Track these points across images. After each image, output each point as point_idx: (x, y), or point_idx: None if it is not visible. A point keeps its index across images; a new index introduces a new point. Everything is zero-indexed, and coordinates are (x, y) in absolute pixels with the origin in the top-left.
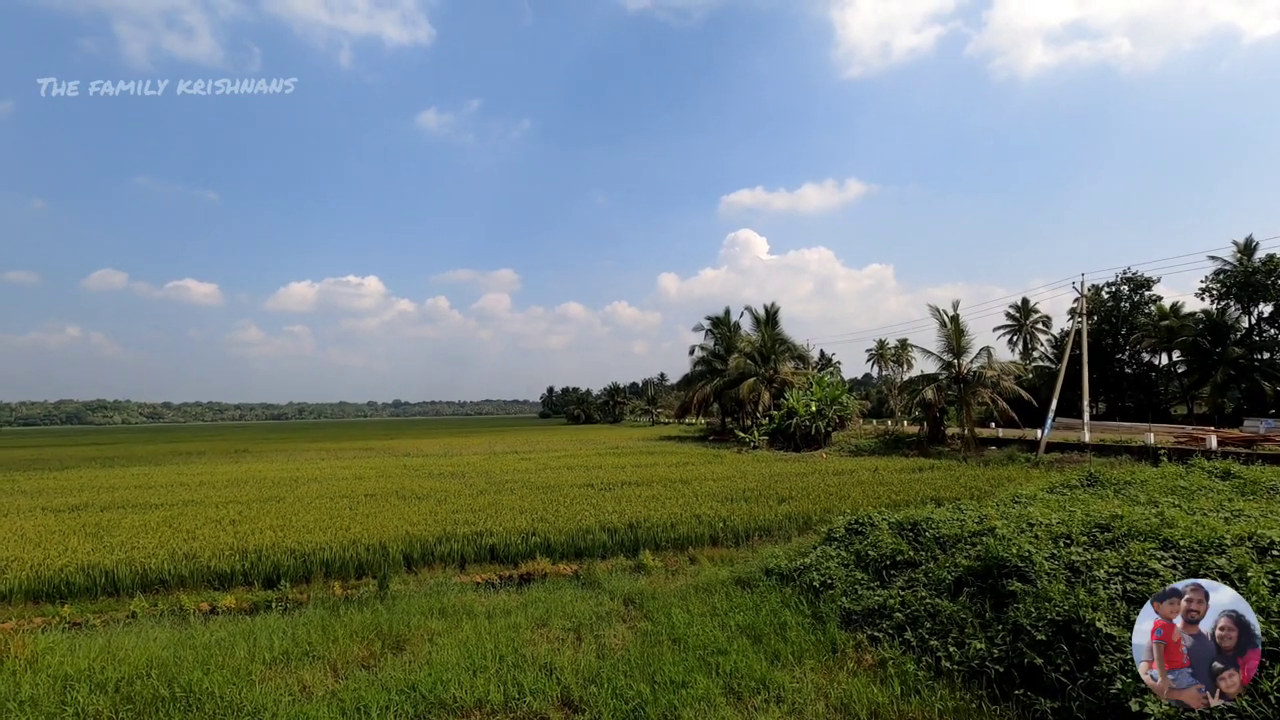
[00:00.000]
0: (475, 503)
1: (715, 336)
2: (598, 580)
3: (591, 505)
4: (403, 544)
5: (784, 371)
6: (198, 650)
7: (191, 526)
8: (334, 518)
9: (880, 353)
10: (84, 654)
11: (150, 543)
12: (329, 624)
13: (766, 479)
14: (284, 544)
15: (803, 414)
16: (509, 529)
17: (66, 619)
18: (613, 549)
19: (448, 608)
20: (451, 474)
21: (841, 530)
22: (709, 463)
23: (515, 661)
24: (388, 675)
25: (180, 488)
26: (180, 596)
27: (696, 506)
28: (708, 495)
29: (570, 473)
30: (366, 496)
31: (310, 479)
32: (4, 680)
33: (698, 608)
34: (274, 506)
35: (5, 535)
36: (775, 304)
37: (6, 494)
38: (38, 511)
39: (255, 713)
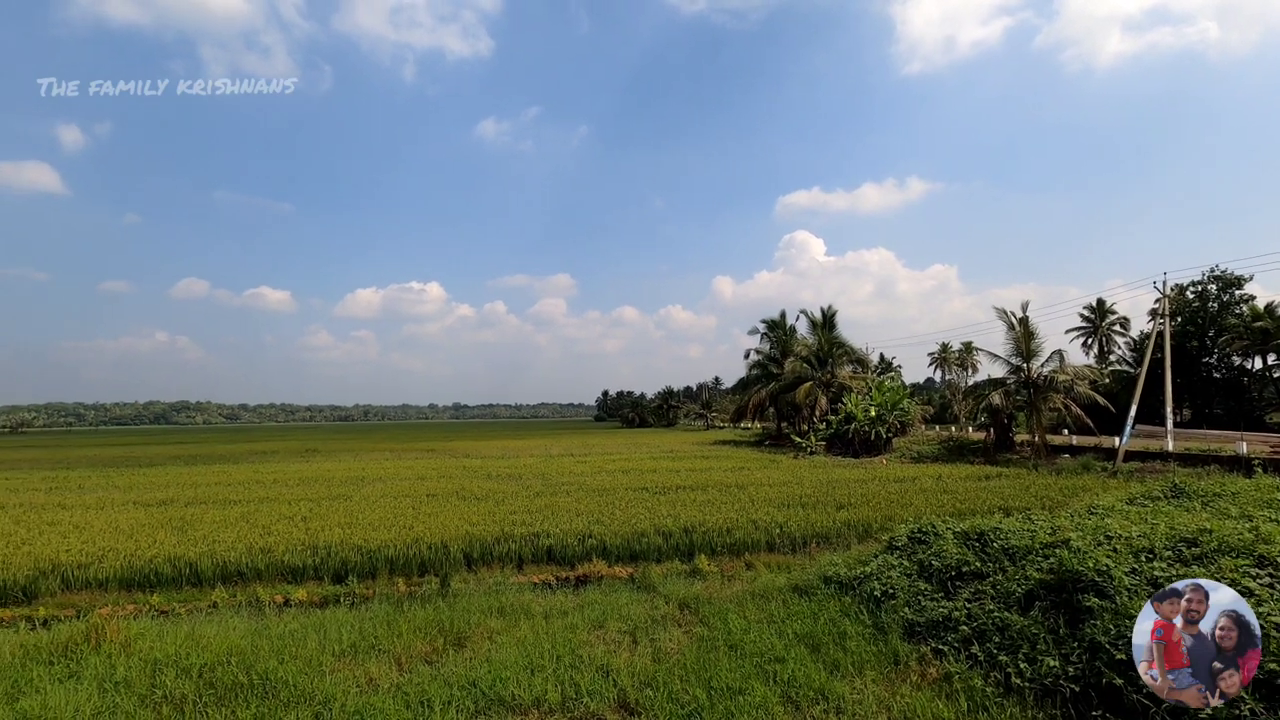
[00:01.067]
0: (532, 504)
1: (771, 340)
2: (653, 584)
3: (646, 509)
4: (463, 543)
5: (842, 375)
6: (273, 640)
7: (267, 522)
8: (398, 516)
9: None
10: (171, 640)
11: (229, 537)
12: (394, 619)
13: (824, 485)
14: (351, 541)
15: (862, 419)
16: (565, 531)
17: (155, 607)
18: (668, 553)
19: (506, 607)
20: (509, 476)
21: (904, 539)
22: (765, 468)
23: (572, 662)
24: (449, 671)
25: (256, 485)
26: (256, 589)
27: (753, 512)
28: (764, 501)
29: (625, 476)
30: (428, 496)
31: (375, 478)
32: (102, 662)
33: (754, 614)
34: (342, 504)
35: (102, 527)
36: (833, 306)
37: (103, 489)
38: (130, 505)
39: (326, 702)
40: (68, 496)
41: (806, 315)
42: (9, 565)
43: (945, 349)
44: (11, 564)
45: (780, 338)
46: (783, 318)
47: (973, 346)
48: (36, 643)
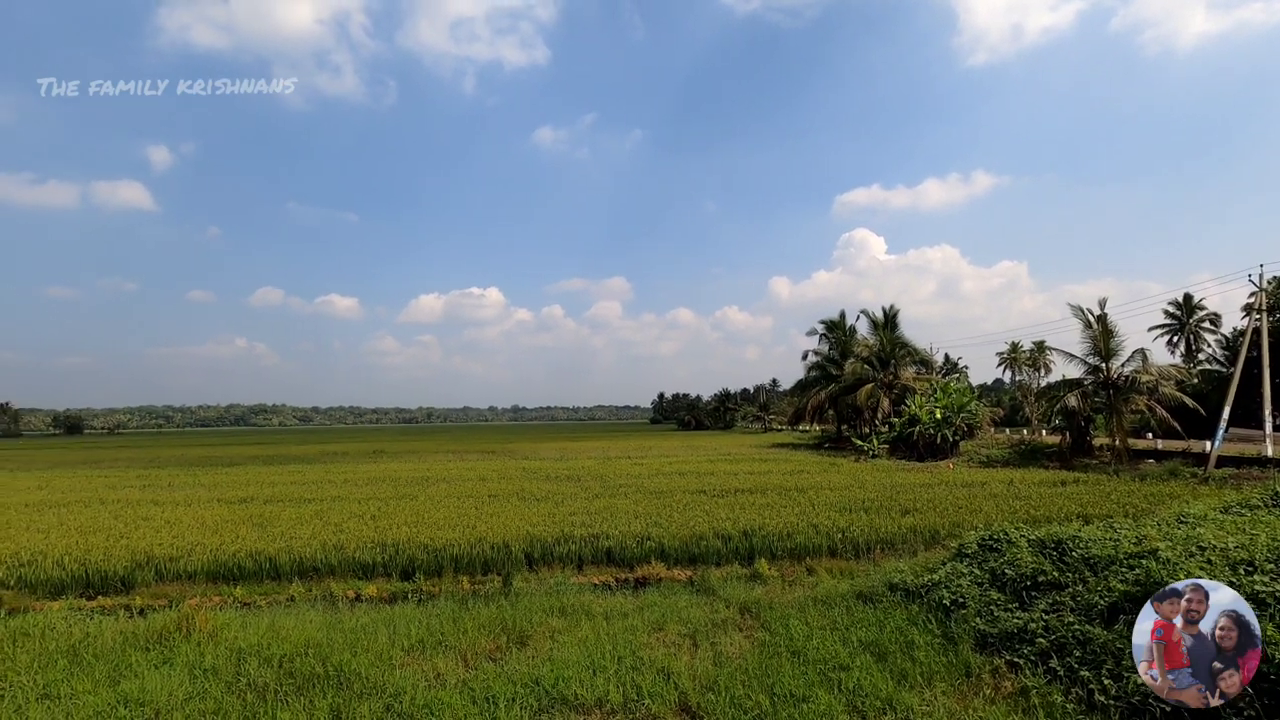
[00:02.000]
0: (591, 505)
1: (830, 341)
2: (712, 587)
3: (705, 511)
4: (524, 543)
5: (905, 377)
6: (346, 634)
7: (339, 520)
8: (461, 516)
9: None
10: (253, 631)
11: (305, 533)
12: (459, 616)
13: (888, 489)
14: (418, 539)
15: (926, 421)
16: (624, 532)
17: (238, 599)
18: (727, 556)
19: (567, 607)
20: (568, 477)
21: (974, 546)
22: (825, 471)
23: (633, 664)
24: (513, 669)
25: (328, 484)
26: (330, 583)
27: (813, 516)
28: (825, 505)
29: (682, 479)
30: (490, 497)
31: (439, 479)
32: (192, 650)
33: (817, 620)
34: (408, 504)
35: (190, 523)
36: (894, 306)
37: (190, 487)
38: (214, 503)
39: (396, 695)
40: (159, 494)
41: (867, 315)
42: (110, 557)
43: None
44: (112, 556)
45: (840, 338)
46: (842, 318)
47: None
48: (134, 630)
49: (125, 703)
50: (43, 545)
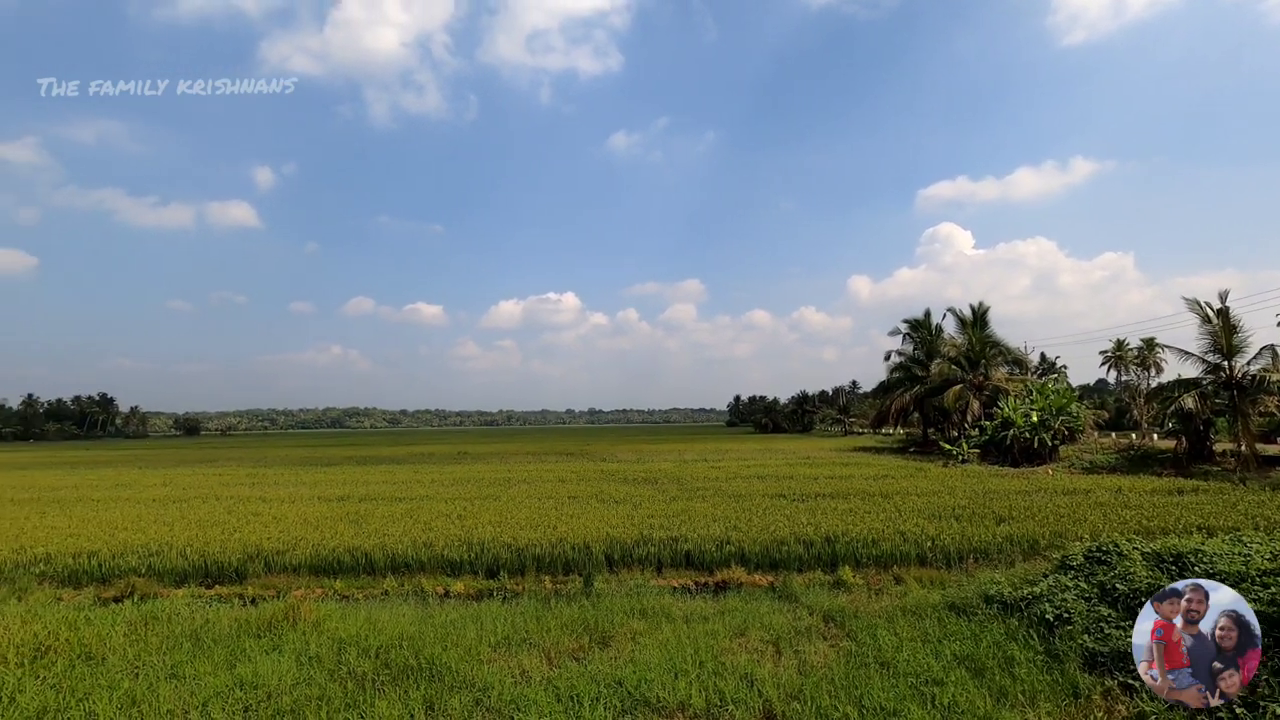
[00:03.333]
0: (669, 508)
1: (914, 341)
2: (794, 593)
3: (785, 516)
4: (604, 545)
5: (996, 377)
6: (436, 628)
7: (428, 519)
8: (543, 516)
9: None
10: (352, 623)
11: (397, 530)
12: (542, 615)
13: (980, 496)
14: (501, 539)
15: (1021, 425)
16: (703, 536)
17: (338, 591)
18: (809, 562)
19: (647, 609)
20: (644, 480)
21: (1079, 558)
22: (911, 476)
23: (715, 669)
24: (595, 668)
25: (417, 484)
26: (421, 579)
27: (900, 523)
28: (912, 511)
29: (761, 482)
30: (569, 498)
31: (520, 480)
32: (298, 638)
33: (906, 631)
34: (492, 504)
35: (294, 519)
36: (983, 303)
37: (293, 485)
38: (315, 500)
39: (485, 689)
40: (266, 491)
41: (954, 313)
42: (225, 549)
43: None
44: (227, 548)
45: (924, 338)
46: (927, 317)
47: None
48: (247, 618)
49: (241, 685)
50: (168, 537)
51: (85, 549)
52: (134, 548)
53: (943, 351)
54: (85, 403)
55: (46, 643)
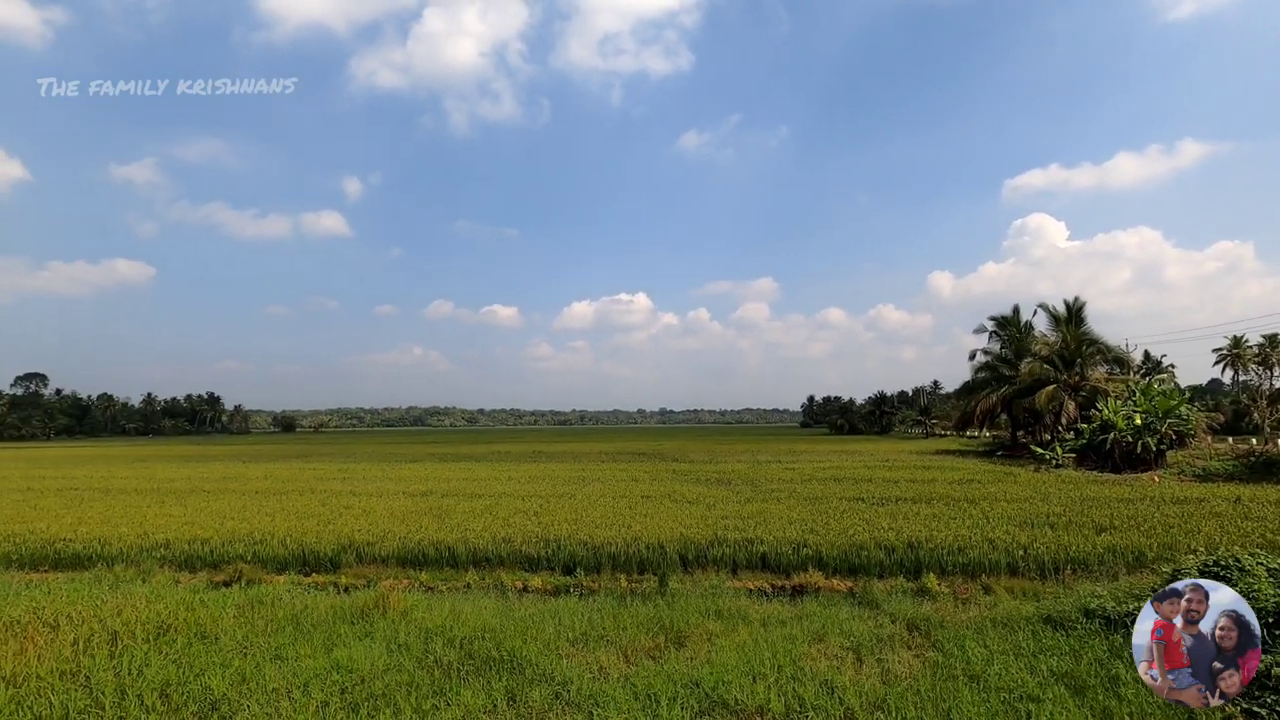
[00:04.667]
0: (743, 510)
1: (1001, 339)
2: (875, 600)
3: (864, 520)
4: (678, 545)
5: (1094, 377)
6: (517, 622)
7: (506, 515)
8: (617, 515)
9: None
10: (437, 613)
11: (477, 526)
12: (618, 613)
13: (1076, 503)
14: (577, 536)
15: (1122, 428)
16: (778, 538)
17: (423, 583)
18: (890, 568)
19: (723, 610)
20: (718, 480)
21: (1193, 572)
22: (999, 481)
23: (794, 674)
24: (672, 668)
25: (495, 481)
26: (500, 574)
27: (988, 530)
28: (1001, 518)
29: (838, 485)
30: (643, 498)
31: (593, 479)
32: (388, 626)
33: (997, 644)
34: (567, 502)
35: (382, 513)
36: (1079, 298)
37: (380, 480)
38: (400, 495)
39: (564, 684)
40: (356, 485)
41: (1046, 309)
42: (321, 540)
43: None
44: (322, 539)
45: (1013, 336)
46: (1015, 313)
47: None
48: (341, 605)
49: (338, 668)
50: (270, 527)
51: (199, 536)
52: (240, 536)
53: (1033, 350)
54: (196, 401)
55: (168, 621)
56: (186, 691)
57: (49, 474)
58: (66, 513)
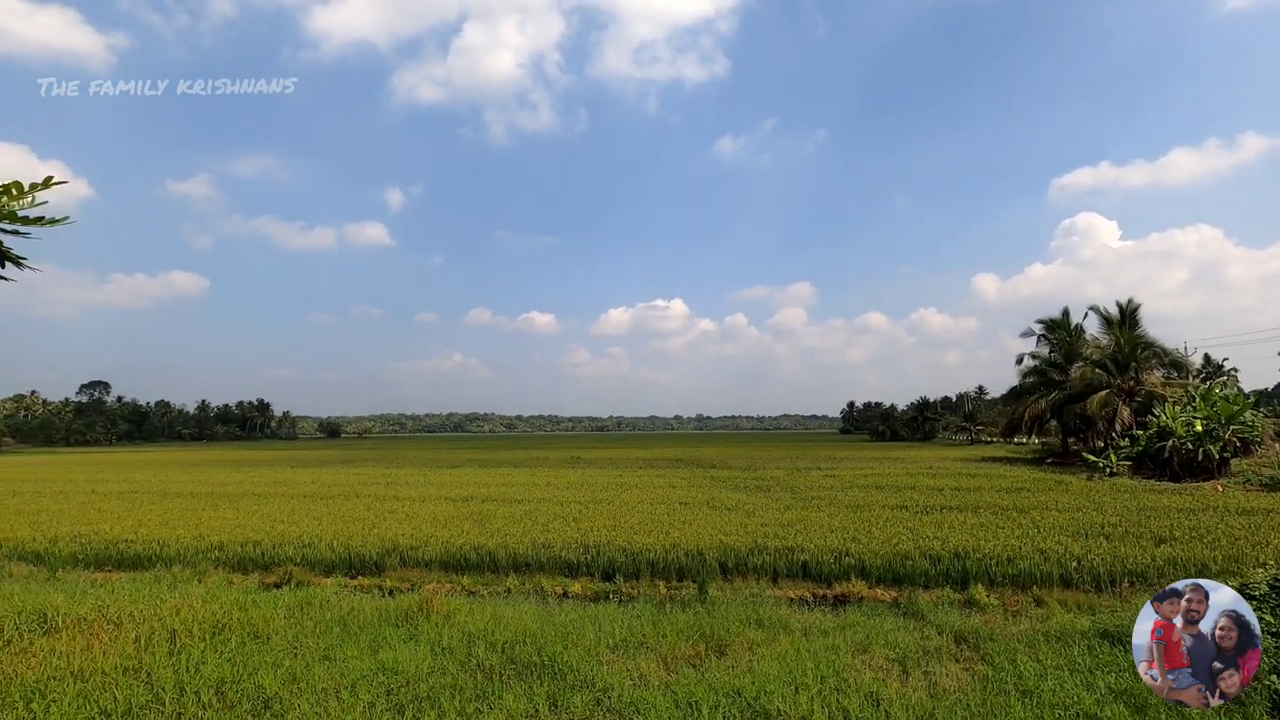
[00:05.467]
0: (783, 517)
1: (1050, 342)
2: (920, 611)
3: (908, 529)
4: (717, 552)
5: (1150, 382)
6: (557, 627)
7: (545, 520)
8: (655, 522)
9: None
10: (479, 617)
11: (517, 531)
12: (658, 620)
13: (1133, 513)
14: (616, 542)
15: (1182, 434)
16: (820, 547)
17: (465, 587)
18: (936, 579)
19: (764, 619)
20: (756, 487)
21: (1263, 587)
22: (1049, 490)
23: (837, 685)
24: (713, 676)
25: (533, 486)
26: (540, 579)
27: (1039, 540)
28: (1053, 527)
29: (880, 492)
30: (681, 504)
31: (631, 485)
32: (432, 629)
33: (1050, 659)
34: (605, 508)
35: (425, 517)
36: (1133, 300)
37: (422, 485)
38: (442, 500)
39: (605, 690)
40: (399, 490)
41: (1097, 311)
42: (366, 543)
43: None
44: (367, 542)
45: (1062, 339)
46: (1065, 316)
47: None
48: (386, 608)
49: (383, 670)
50: (317, 530)
51: (250, 539)
52: (290, 539)
53: (1084, 353)
54: (246, 408)
55: (223, 621)
56: (241, 689)
57: (111, 477)
58: (128, 515)
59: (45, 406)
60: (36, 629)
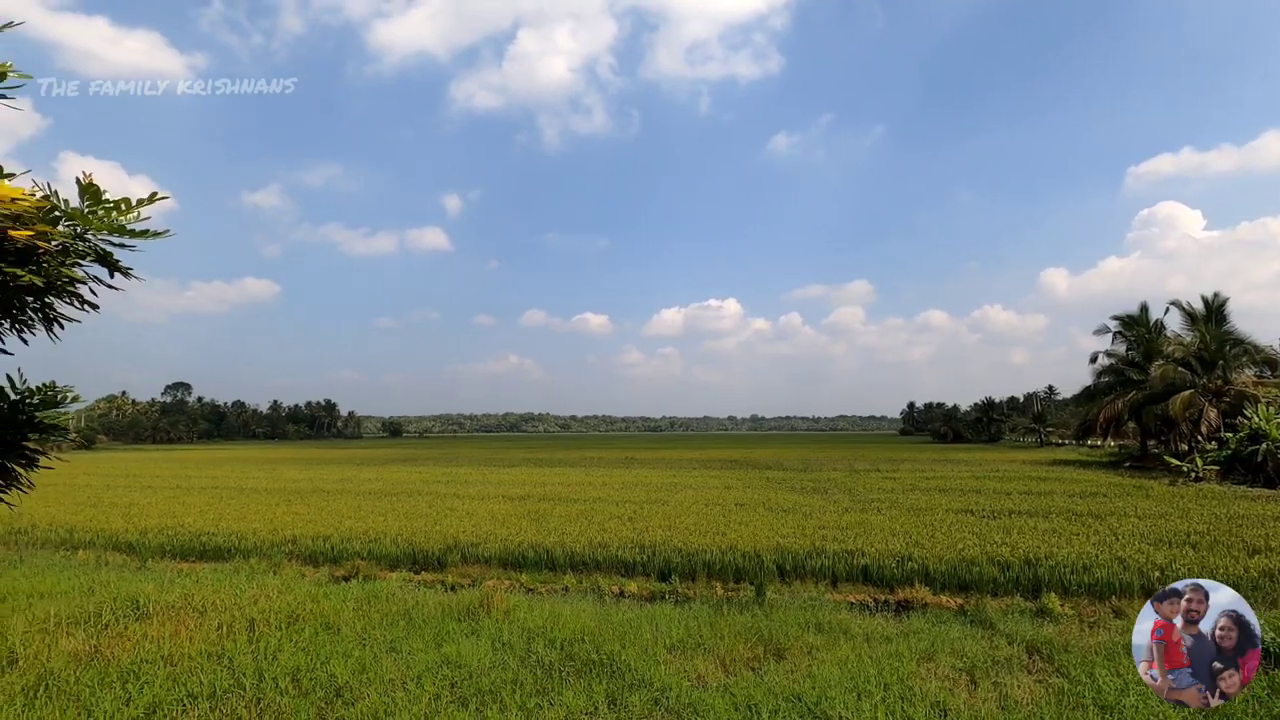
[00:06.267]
0: (842, 520)
1: (1127, 340)
2: (989, 620)
3: (974, 534)
4: (775, 554)
5: (1240, 381)
6: (614, 626)
7: (601, 520)
8: (710, 523)
9: None
10: (538, 615)
11: (574, 530)
12: (715, 621)
13: (1222, 521)
14: (672, 543)
15: (1276, 437)
16: (881, 551)
17: (523, 584)
18: (1005, 586)
19: (823, 623)
20: (813, 489)
21: None
22: (1128, 495)
23: (902, 693)
24: (772, 680)
25: (589, 486)
26: (597, 578)
27: (1117, 547)
28: (1131, 535)
29: (943, 496)
30: (737, 505)
31: (686, 486)
32: (493, 624)
33: (1133, 673)
34: (660, 509)
35: (484, 515)
36: (1220, 294)
37: (480, 484)
38: (500, 499)
39: (663, 690)
40: (458, 489)
41: (1180, 307)
42: (429, 539)
43: None
44: (430, 538)
45: (1141, 336)
46: (1144, 312)
47: None
48: (448, 602)
49: (447, 663)
50: (383, 526)
51: (320, 533)
52: (357, 534)
53: (1165, 351)
54: (315, 407)
55: (297, 612)
56: (314, 678)
57: (193, 474)
58: (209, 509)
59: (134, 406)
60: (130, 615)
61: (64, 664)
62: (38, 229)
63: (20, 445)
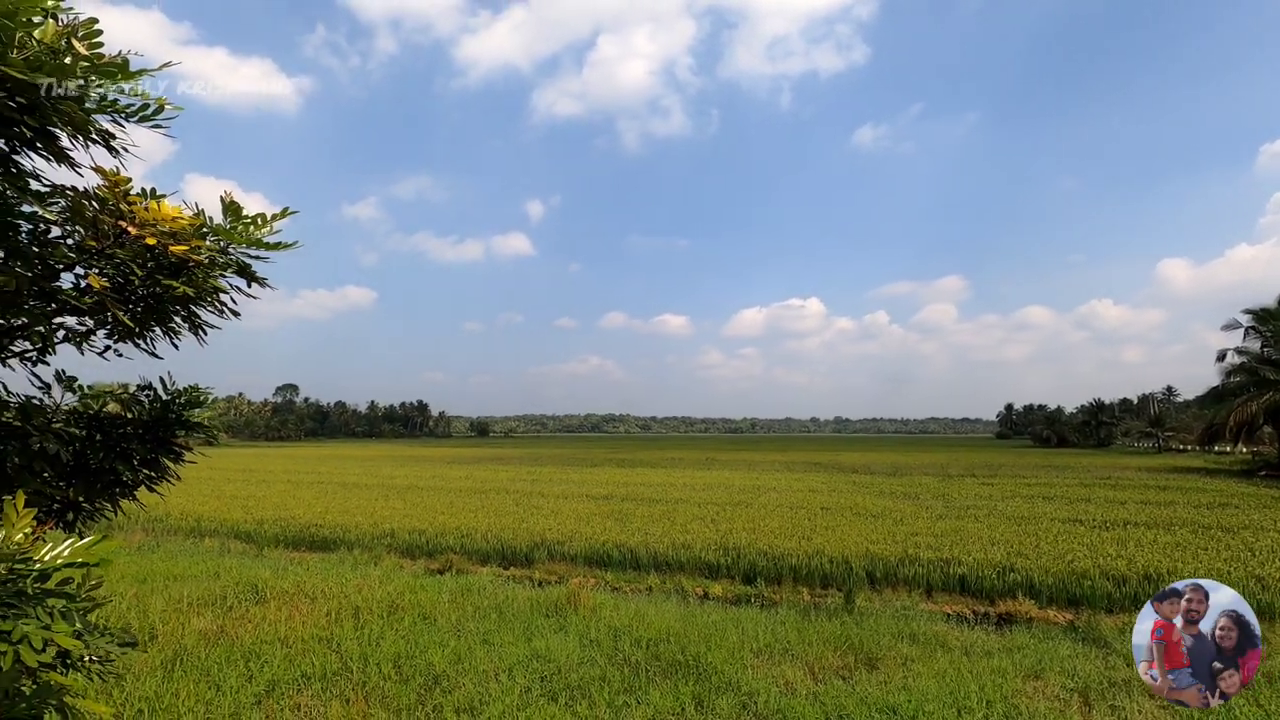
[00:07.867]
0: (935, 527)
1: (1262, 335)
2: (1104, 638)
3: (1085, 545)
4: (864, 561)
5: None
6: (699, 628)
7: (684, 521)
8: (795, 526)
9: None
10: (623, 613)
11: (657, 530)
12: (802, 627)
13: None
14: (756, 546)
15: None
16: (980, 560)
17: (608, 583)
18: (1121, 603)
19: (918, 634)
20: (904, 494)
21: None
22: (1264, 507)
23: (1006, 712)
24: (864, 690)
25: (670, 487)
26: (681, 579)
27: (1254, 564)
28: (1270, 550)
29: (1048, 504)
30: (823, 509)
31: (769, 488)
32: (580, 621)
33: (1275, 703)
34: (743, 511)
35: (568, 514)
36: None
37: (563, 483)
38: (584, 498)
39: (750, 694)
40: (543, 488)
41: None
42: (516, 536)
43: None
44: (518, 535)
45: (1278, 331)
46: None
47: None
48: (536, 598)
49: (536, 657)
50: (473, 523)
51: (416, 528)
52: (450, 529)
53: None
54: (408, 408)
55: (397, 601)
56: (414, 665)
57: (303, 469)
58: (316, 502)
59: (249, 406)
60: (250, 599)
61: (195, 641)
62: (192, 244)
63: (170, 441)
